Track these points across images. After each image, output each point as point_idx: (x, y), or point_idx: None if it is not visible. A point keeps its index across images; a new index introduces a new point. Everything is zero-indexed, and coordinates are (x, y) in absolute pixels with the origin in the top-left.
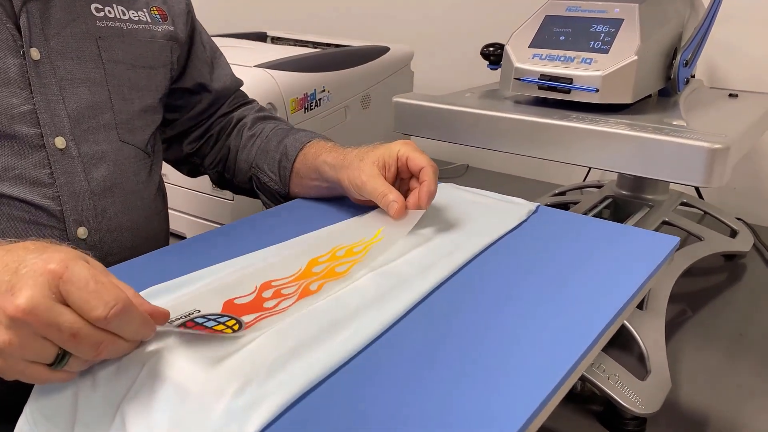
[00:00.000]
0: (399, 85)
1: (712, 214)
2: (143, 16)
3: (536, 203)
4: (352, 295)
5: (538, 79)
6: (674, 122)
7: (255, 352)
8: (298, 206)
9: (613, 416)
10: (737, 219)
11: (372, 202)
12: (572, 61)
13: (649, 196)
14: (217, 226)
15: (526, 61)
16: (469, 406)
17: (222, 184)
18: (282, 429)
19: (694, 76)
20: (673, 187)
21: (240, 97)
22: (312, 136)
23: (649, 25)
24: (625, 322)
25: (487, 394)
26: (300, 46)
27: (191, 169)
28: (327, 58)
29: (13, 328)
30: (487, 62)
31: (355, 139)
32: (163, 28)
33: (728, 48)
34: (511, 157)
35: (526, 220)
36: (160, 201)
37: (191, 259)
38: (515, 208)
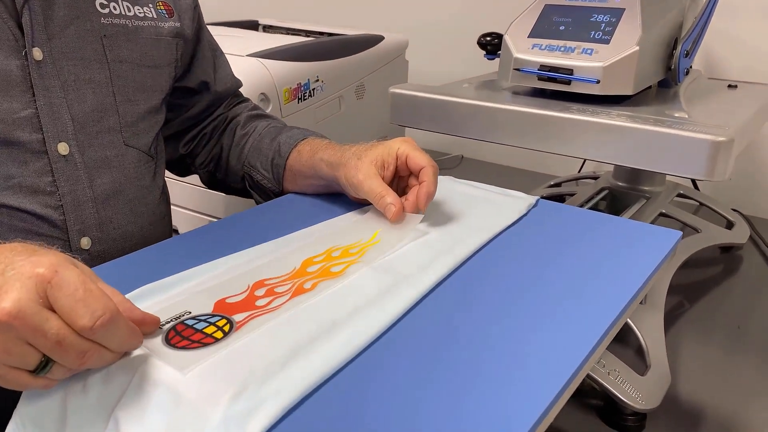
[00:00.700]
0: (394, 75)
1: (708, 206)
2: (149, 12)
3: (536, 197)
4: (351, 293)
5: (538, 70)
6: (675, 114)
7: (250, 354)
8: (293, 201)
9: (613, 412)
10: (733, 210)
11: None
12: (573, 52)
13: (646, 188)
14: (211, 219)
15: (525, 51)
16: (477, 407)
17: (213, 184)
18: None
19: (693, 66)
20: (669, 178)
21: (236, 97)
22: (306, 134)
23: (650, 15)
24: None
25: (494, 396)
26: (292, 34)
27: (182, 169)
28: (321, 47)
29: None
30: (485, 52)
31: (349, 129)
32: (170, 25)
33: (726, 38)
34: (506, 148)
35: (526, 214)
36: (164, 205)
37: (184, 256)
38: (515, 201)
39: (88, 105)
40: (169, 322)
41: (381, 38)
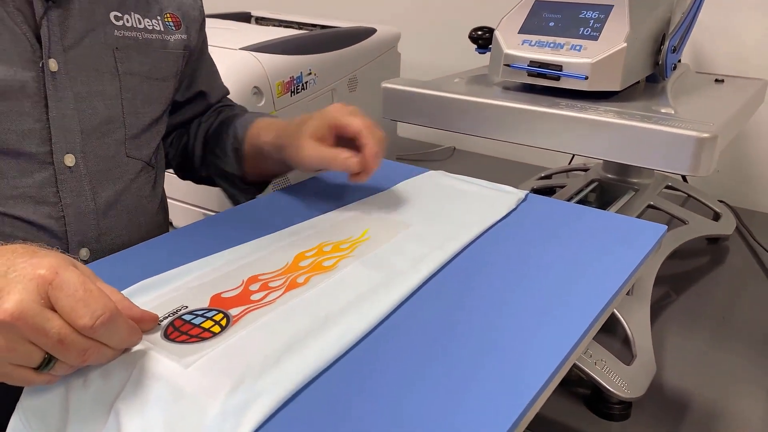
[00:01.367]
0: (386, 68)
1: (696, 197)
2: (157, 24)
3: (525, 191)
4: (344, 288)
5: (528, 66)
6: (662, 110)
7: (247, 349)
8: (285, 198)
9: (599, 400)
10: (720, 201)
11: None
12: (562, 48)
13: (635, 180)
14: (206, 212)
15: (515, 47)
16: (466, 395)
17: (182, 173)
18: (278, 427)
19: (681, 60)
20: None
21: (219, 103)
22: (253, 117)
23: (638, 11)
24: None
25: (482, 384)
26: (285, 26)
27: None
28: (313, 40)
29: (1, 331)
30: (476, 46)
31: None
32: (176, 38)
33: (714, 32)
34: (498, 140)
35: (516, 209)
36: (162, 214)
37: (180, 252)
38: (505, 196)
39: (97, 117)
40: (167, 318)
41: (373, 31)
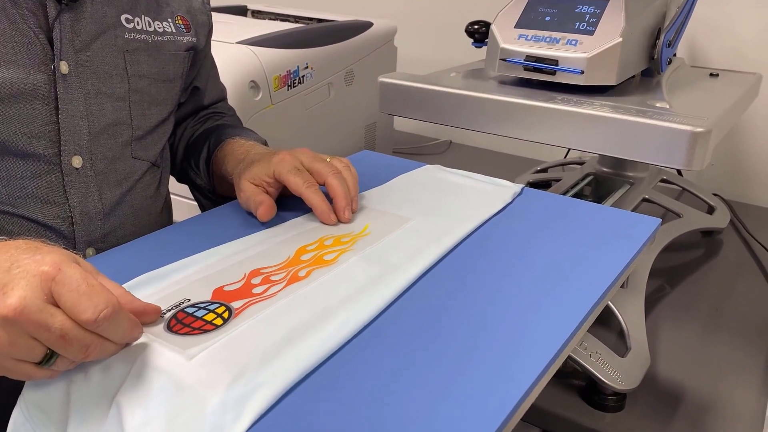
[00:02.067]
0: (382, 61)
1: (690, 191)
2: (168, 26)
3: (521, 185)
4: (343, 283)
5: (524, 60)
6: (657, 104)
7: (247, 342)
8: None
9: (594, 392)
10: (714, 195)
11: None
12: (558, 43)
13: (630, 174)
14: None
15: (512, 41)
16: (462, 386)
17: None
18: (276, 418)
19: (676, 54)
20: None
21: (213, 111)
22: (226, 137)
23: (633, 6)
24: None
25: (479, 375)
26: (281, 20)
27: None
28: (310, 34)
29: (4, 327)
30: (472, 40)
31: (339, 115)
32: (187, 40)
33: (709, 26)
34: (495, 135)
35: (512, 202)
36: (166, 215)
37: (180, 245)
38: (501, 190)
39: (105, 119)
40: (170, 311)
41: (370, 24)
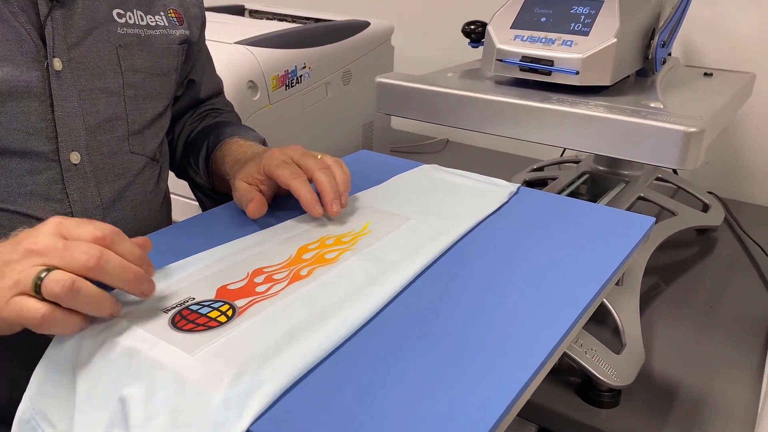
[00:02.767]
0: (379, 61)
1: (685, 189)
2: (160, 20)
3: (517, 184)
4: (342, 282)
5: (520, 61)
6: (651, 104)
7: (249, 340)
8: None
9: (589, 388)
10: (709, 193)
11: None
12: (553, 43)
13: (625, 172)
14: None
15: (508, 42)
16: (458, 386)
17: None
18: (277, 415)
19: (670, 54)
20: None
21: (212, 107)
22: (224, 136)
23: (628, 7)
24: None
25: (475, 372)
26: (279, 20)
27: None
28: (308, 34)
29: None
30: (468, 40)
31: (337, 115)
32: (180, 33)
33: (704, 25)
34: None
35: (508, 202)
36: (166, 210)
37: (182, 244)
38: (497, 189)
39: (101, 114)
40: (175, 308)
41: (367, 24)
